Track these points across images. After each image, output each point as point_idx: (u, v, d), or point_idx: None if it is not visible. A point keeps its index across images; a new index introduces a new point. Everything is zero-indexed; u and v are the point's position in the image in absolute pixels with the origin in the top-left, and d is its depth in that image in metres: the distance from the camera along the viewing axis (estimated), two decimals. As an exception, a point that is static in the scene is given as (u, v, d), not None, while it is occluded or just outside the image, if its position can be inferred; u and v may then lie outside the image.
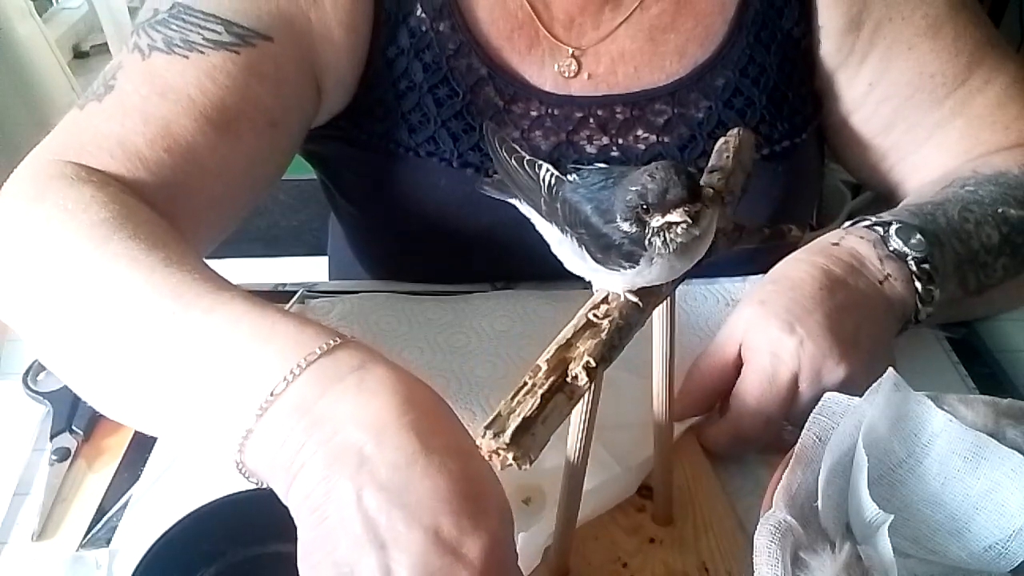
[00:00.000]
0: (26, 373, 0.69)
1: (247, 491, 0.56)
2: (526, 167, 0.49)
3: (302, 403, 0.43)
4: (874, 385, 0.51)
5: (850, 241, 0.64)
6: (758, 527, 0.46)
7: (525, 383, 0.42)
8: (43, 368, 0.70)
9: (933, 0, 0.75)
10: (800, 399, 0.58)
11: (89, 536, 0.58)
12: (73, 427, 0.65)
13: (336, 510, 0.41)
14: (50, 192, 0.57)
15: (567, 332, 0.45)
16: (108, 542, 0.57)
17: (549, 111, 0.75)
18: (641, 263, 0.44)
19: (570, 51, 0.75)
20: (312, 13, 0.70)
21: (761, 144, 0.76)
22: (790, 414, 0.59)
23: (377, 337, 0.73)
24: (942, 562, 0.50)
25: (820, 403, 0.52)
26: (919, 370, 0.64)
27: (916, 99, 0.77)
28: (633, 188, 0.42)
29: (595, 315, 0.46)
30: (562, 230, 0.46)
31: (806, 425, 0.52)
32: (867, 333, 0.59)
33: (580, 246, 0.45)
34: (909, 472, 0.51)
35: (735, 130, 0.57)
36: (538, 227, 0.49)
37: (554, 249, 0.48)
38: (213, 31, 0.66)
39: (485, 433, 0.40)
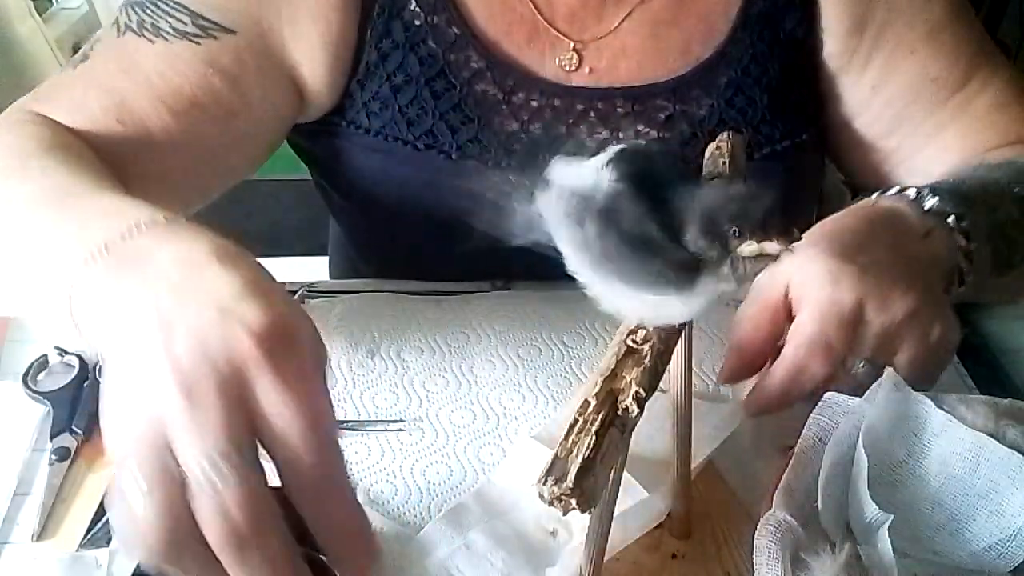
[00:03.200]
0: (26, 373, 0.69)
1: (247, 491, 0.56)
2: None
3: (132, 257, 0.43)
4: (874, 385, 0.51)
5: (886, 202, 0.63)
6: (758, 527, 0.46)
7: (576, 420, 0.40)
8: (43, 368, 0.70)
9: (933, 6, 0.76)
10: (868, 329, 0.55)
11: (89, 536, 0.58)
12: (73, 427, 0.65)
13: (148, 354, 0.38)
14: (13, 128, 0.64)
15: (609, 362, 0.43)
16: (108, 542, 0.57)
17: (550, 102, 0.75)
18: (699, 288, 0.41)
19: (571, 45, 0.75)
20: (284, 7, 0.71)
21: (762, 143, 0.77)
22: (856, 347, 0.55)
23: (377, 337, 0.73)
24: (942, 562, 0.50)
25: (820, 403, 0.52)
26: (919, 370, 0.64)
27: (918, 102, 0.78)
28: (727, 206, 0.40)
29: (634, 341, 0.44)
30: (599, 260, 0.43)
31: (806, 425, 0.52)
32: (923, 277, 0.57)
33: (627, 272, 0.42)
34: (909, 472, 0.51)
35: (725, 134, 0.57)
36: (562, 250, 0.46)
37: (582, 279, 0.45)
38: (180, 20, 0.69)
39: (546, 480, 0.38)
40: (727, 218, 0.40)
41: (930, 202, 0.61)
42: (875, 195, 0.65)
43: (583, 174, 0.43)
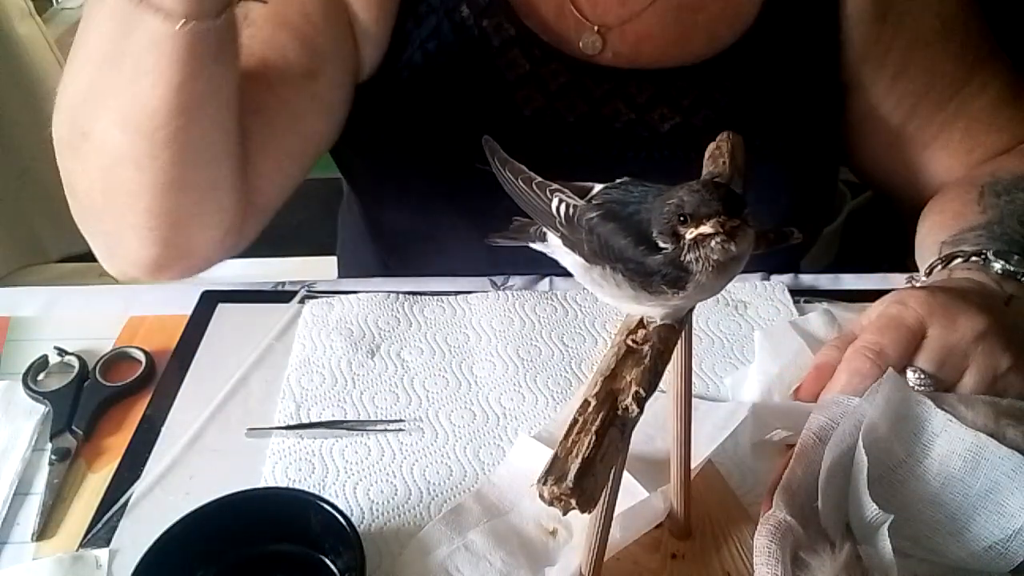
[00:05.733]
0: (26, 373, 0.69)
1: (247, 491, 0.57)
2: (535, 189, 0.47)
3: None
4: (874, 385, 0.51)
5: (959, 273, 0.64)
6: (758, 527, 0.46)
7: (576, 420, 0.41)
8: (43, 368, 0.70)
9: (946, 0, 0.76)
10: (930, 343, 0.57)
11: (89, 536, 0.58)
12: (73, 427, 0.65)
13: None
14: None
15: (609, 362, 0.43)
16: (108, 542, 0.57)
17: (577, 78, 0.75)
18: (688, 288, 0.42)
19: (595, 28, 0.75)
20: None
21: (784, 130, 0.77)
22: (916, 358, 0.57)
23: (377, 337, 0.73)
24: (942, 562, 0.50)
25: (820, 402, 0.52)
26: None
27: (928, 98, 0.78)
28: (670, 201, 0.41)
29: (634, 341, 0.44)
30: (590, 261, 0.44)
31: (806, 425, 0.52)
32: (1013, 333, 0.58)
33: (618, 275, 0.43)
34: (909, 472, 0.51)
35: (725, 133, 0.57)
36: (559, 260, 0.48)
37: (579, 279, 0.47)
38: None
39: (546, 480, 0.38)
40: (672, 211, 0.41)
41: (997, 266, 0.63)
42: (936, 270, 0.66)
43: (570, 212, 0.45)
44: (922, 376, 0.57)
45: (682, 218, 0.41)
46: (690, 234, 0.40)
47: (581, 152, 0.75)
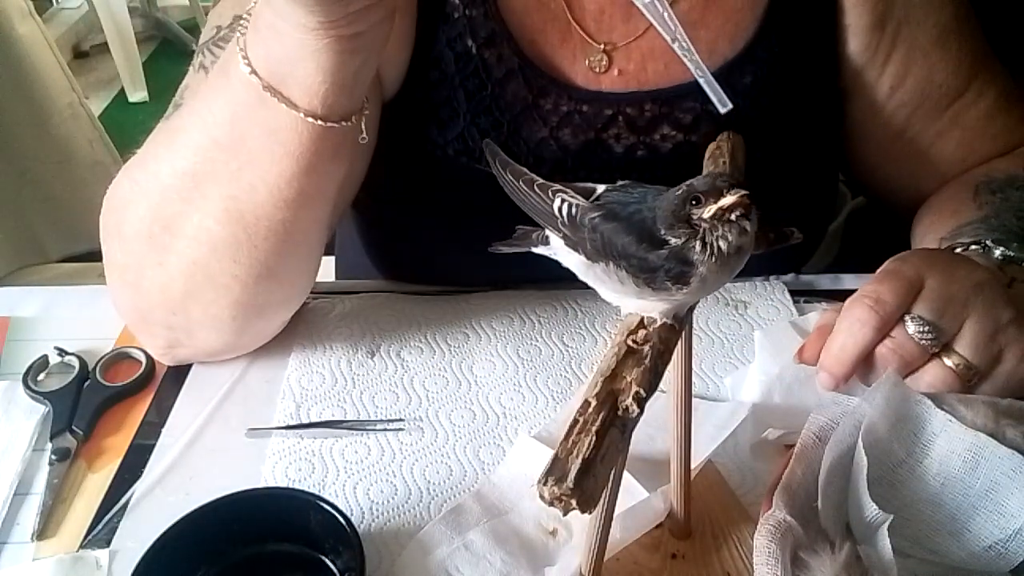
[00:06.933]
0: (26, 373, 0.69)
1: (247, 491, 0.57)
2: (537, 191, 0.47)
3: None
4: (874, 385, 0.51)
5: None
6: (758, 527, 0.46)
7: (577, 420, 0.41)
8: (43, 368, 0.70)
9: (943, 8, 0.76)
10: (929, 293, 0.57)
11: (89, 536, 0.58)
12: (73, 427, 0.65)
13: None
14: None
15: (610, 362, 0.43)
16: (108, 542, 0.57)
17: (578, 107, 0.75)
18: (692, 283, 0.42)
19: (601, 46, 0.75)
20: None
21: (786, 142, 0.77)
22: (915, 307, 0.57)
23: (377, 337, 0.73)
24: (942, 562, 0.50)
25: (820, 403, 0.52)
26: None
27: (924, 107, 0.78)
28: (678, 192, 0.41)
29: (634, 341, 0.44)
30: (592, 259, 0.45)
31: (806, 425, 0.52)
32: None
33: (622, 272, 0.43)
34: (909, 472, 0.51)
35: (725, 133, 0.57)
36: (561, 260, 0.48)
37: (581, 276, 0.47)
38: None
39: (546, 480, 0.38)
40: (683, 195, 0.41)
41: (999, 252, 0.63)
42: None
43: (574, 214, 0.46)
44: (922, 324, 0.56)
45: (695, 200, 0.41)
46: (708, 212, 0.40)
47: (585, 177, 0.74)
